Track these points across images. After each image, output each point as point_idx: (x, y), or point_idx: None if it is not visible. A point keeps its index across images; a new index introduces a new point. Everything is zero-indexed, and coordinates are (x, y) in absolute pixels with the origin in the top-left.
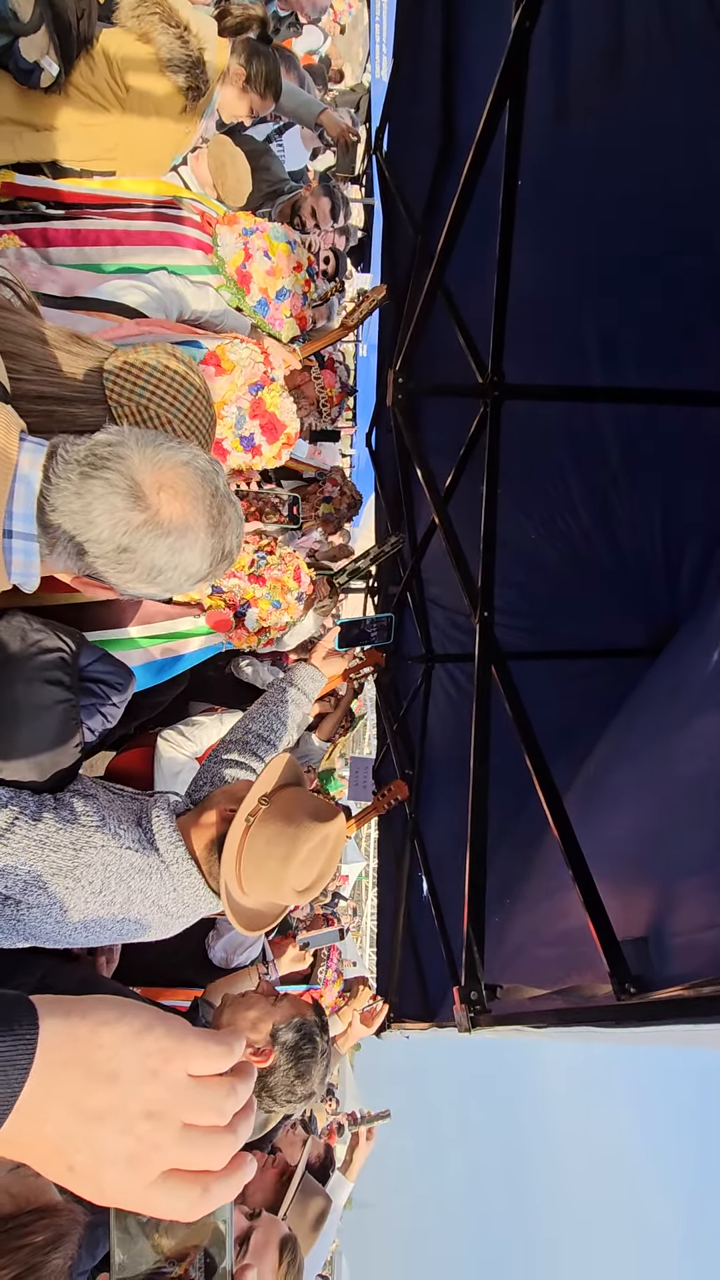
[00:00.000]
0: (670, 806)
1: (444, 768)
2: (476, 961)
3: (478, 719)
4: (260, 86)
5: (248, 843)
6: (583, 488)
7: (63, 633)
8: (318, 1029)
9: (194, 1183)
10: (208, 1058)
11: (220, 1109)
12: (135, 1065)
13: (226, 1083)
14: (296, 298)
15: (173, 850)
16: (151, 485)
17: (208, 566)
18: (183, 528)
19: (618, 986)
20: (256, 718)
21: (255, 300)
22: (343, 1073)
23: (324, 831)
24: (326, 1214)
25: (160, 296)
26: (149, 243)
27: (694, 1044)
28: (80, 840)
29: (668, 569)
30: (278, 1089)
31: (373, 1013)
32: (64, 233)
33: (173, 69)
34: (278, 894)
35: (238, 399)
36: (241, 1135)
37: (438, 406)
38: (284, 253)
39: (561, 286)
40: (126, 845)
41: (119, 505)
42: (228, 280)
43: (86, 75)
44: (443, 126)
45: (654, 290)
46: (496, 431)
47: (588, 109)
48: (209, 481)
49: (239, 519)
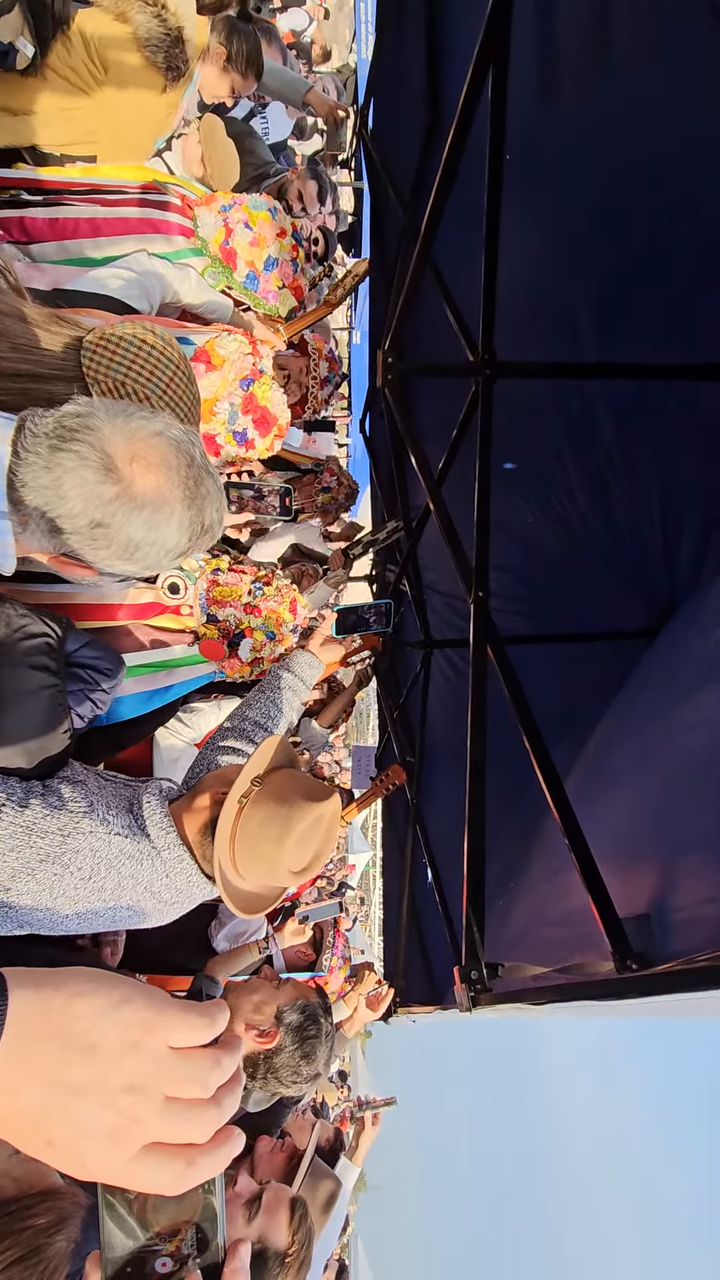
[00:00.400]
0: (670, 782)
1: (445, 753)
2: (476, 941)
3: (474, 700)
4: (241, 65)
5: (241, 824)
6: (578, 468)
7: (48, 618)
8: (321, 1010)
9: (178, 1156)
10: (189, 1029)
11: (204, 1081)
12: (114, 1037)
13: (210, 1054)
14: (286, 265)
15: (164, 835)
16: (124, 457)
17: (187, 540)
18: (158, 500)
19: (620, 963)
20: (254, 704)
21: (244, 275)
22: (354, 1059)
23: (318, 811)
24: (336, 1196)
25: (140, 280)
26: (129, 230)
27: (695, 1014)
28: (68, 826)
29: (665, 549)
30: (283, 1070)
31: (378, 997)
32: (42, 222)
33: (151, 48)
34: (274, 875)
35: (229, 395)
36: (227, 1108)
37: (431, 389)
38: (265, 220)
39: (552, 262)
40: (115, 831)
41: (90, 479)
42: (213, 260)
43: (64, 57)
44: (428, 103)
45: (645, 263)
46: (489, 410)
47: (574, 79)
48: (183, 452)
49: (218, 491)
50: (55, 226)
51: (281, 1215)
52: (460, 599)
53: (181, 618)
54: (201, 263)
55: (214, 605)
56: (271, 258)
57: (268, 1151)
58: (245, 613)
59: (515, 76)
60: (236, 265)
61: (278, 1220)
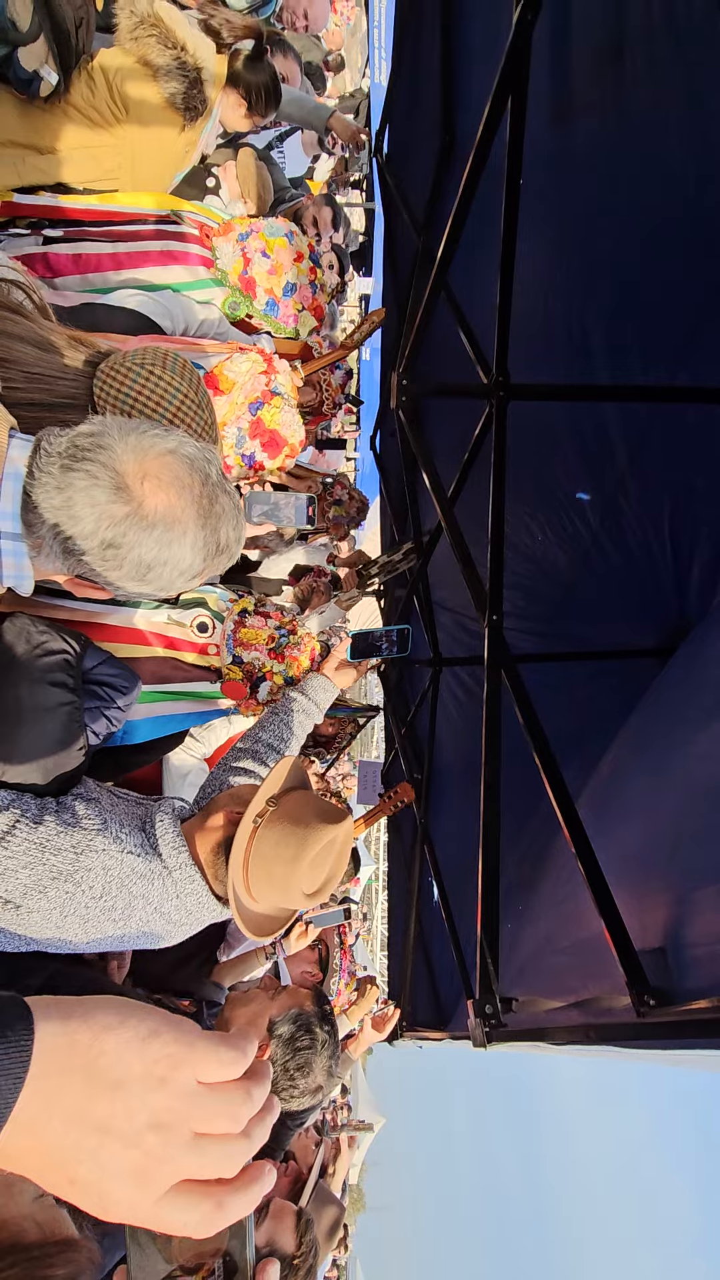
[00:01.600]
0: (686, 811)
1: (453, 772)
2: (491, 974)
3: (488, 724)
4: (258, 102)
5: (255, 845)
6: (590, 488)
7: (67, 635)
8: (316, 1019)
9: (207, 1196)
10: (219, 1063)
11: (235, 1115)
12: (141, 1073)
13: (241, 1087)
14: (305, 289)
15: (175, 855)
16: (135, 475)
17: (201, 561)
18: (169, 520)
19: (637, 999)
20: (267, 726)
21: (264, 304)
22: (355, 1077)
23: (332, 833)
24: (340, 1222)
25: (165, 303)
26: (150, 263)
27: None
28: (81, 844)
29: (677, 569)
30: (278, 1083)
31: (384, 1018)
32: (65, 258)
33: (170, 89)
34: (286, 897)
35: (237, 419)
36: (257, 1140)
37: (443, 409)
38: (281, 246)
39: (566, 285)
40: (128, 850)
41: (101, 498)
42: (233, 290)
43: (87, 97)
44: (443, 128)
45: (659, 286)
46: (502, 432)
47: (590, 105)
48: (198, 470)
49: (235, 509)
50: (79, 262)
51: (288, 1221)
52: (470, 617)
53: (208, 657)
54: (223, 293)
55: (240, 647)
56: (290, 283)
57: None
58: (269, 658)
59: (530, 103)
60: (256, 294)
61: (284, 1226)
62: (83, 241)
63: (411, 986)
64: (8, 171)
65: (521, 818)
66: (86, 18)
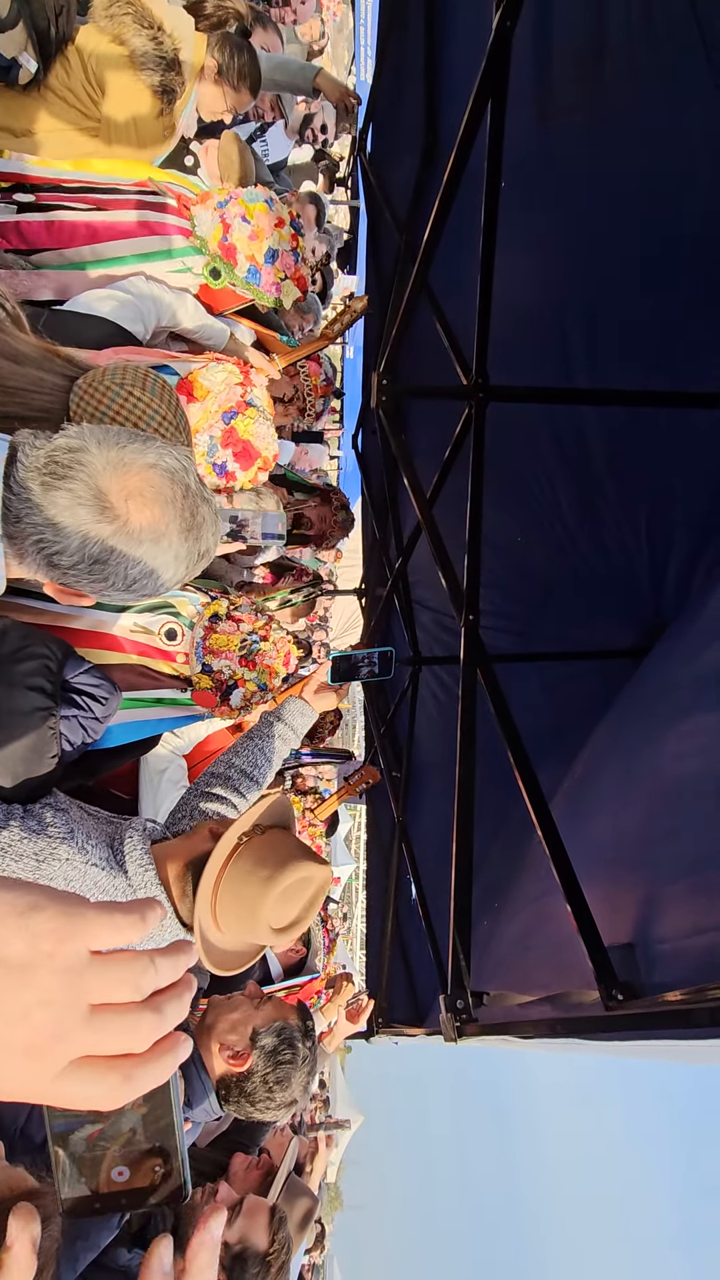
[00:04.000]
0: (656, 809)
1: (432, 771)
2: (463, 969)
3: (463, 723)
4: (234, 78)
5: (231, 865)
6: (568, 489)
7: (50, 641)
8: (300, 1034)
9: (112, 1069)
10: (113, 929)
11: (135, 984)
12: (24, 949)
13: (143, 955)
14: (287, 255)
15: (142, 873)
16: (118, 493)
17: (184, 570)
18: (155, 535)
19: (605, 993)
20: (241, 752)
21: (245, 270)
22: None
23: (309, 870)
24: (313, 1214)
25: (136, 303)
26: (127, 234)
27: (681, 1059)
28: (44, 851)
29: (653, 569)
30: (256, 1094)
31: (358, 1009)
32: (38, 226)
33: (146, 70)
34: (253, 929)
35: (210, 427)
36: (169, 1015)
37: (424, 409)
38: (262, 211)
39: (546, 288)
40: (93, 862)
41: (85, 518)
42: (213, 259)
43: (63, 79)
44: (426, 128)
45: (637, 290)
46: (481, 433)
47: (571, 108)
48: (178, 482)
49: (214, 516)
50: (52, 231)
51: (261, 1218)
52: (450, 616)
53: (176, 665)
54: (202, 261)
55: (209, 655)
56: (271, 249)
57: (243, 1169)
58: (240, 665)
59: (512, 105)
60: (237, 261)
61: (257, 1223)
62: (57, 209)
63: (389, 983)
64: None
65: (500, 816)
66: (67, 5)
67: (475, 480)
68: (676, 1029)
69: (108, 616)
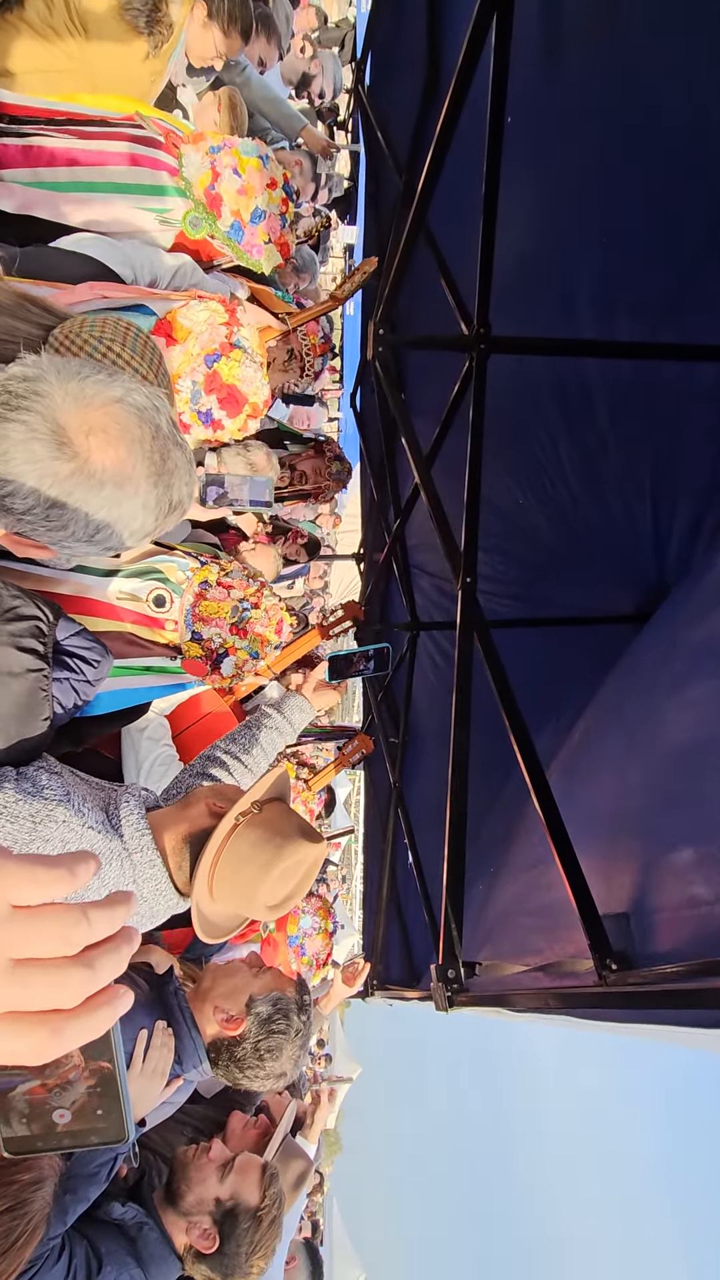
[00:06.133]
0: (654, 778)
1: (429, 736)
2: (454, 940)
3: (458, 689)
4: (223, 20)
5: (231, 842)
6: (571, 449)
7: (41, 602)
8: (295, 1006)
9: (41, 1024)
10: (35, 883)
11: (65, 937)
12: None
13: (74, 909)
14: (274, 219)
15: (138, 838)
16: (78, 428)
17: (154, 521)
18: (119, 478)
19: (599, 962)
20: (237, 739)
21: (228, 225)
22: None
23: (306, 851)
24: (307, 1175)
25: (128, 253)
26: (106, 163)
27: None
28: (40, 813)
29: (657, 533)
30: (245, 1061)
31: (354, 972)
32: (14, 149)
33: (131, 9)
34: (248, 904)
35: (192, 371)
36: (101, 969)
37: (426, 366)
38: (255, 168)
39: (552, 235)
40: (89, 824)
41: (41, 453)
42: (196, 204)
43: (43, 14)
44: (428, 61)
45: (648, 237)
46: (482, 386)
47: (582, 42)
48: (147, 421)
49: (188, 463)
50: (29, 154)
51: (253, 1175)
52: (449, 580)
53: (165, 632)
54: (184, 205)
55: (199, 622)
56: (259, 209)
57: (240, 1127)
58: (230, 633)
59: (521, 38)
60: (221, 213)
61: (249, 1179)
62: (37, 136)
63: (385, 945)
64: None
65: (498, 781)
66: None
67: (475, 437)
68: (672, 1008)
69: (94, 581)
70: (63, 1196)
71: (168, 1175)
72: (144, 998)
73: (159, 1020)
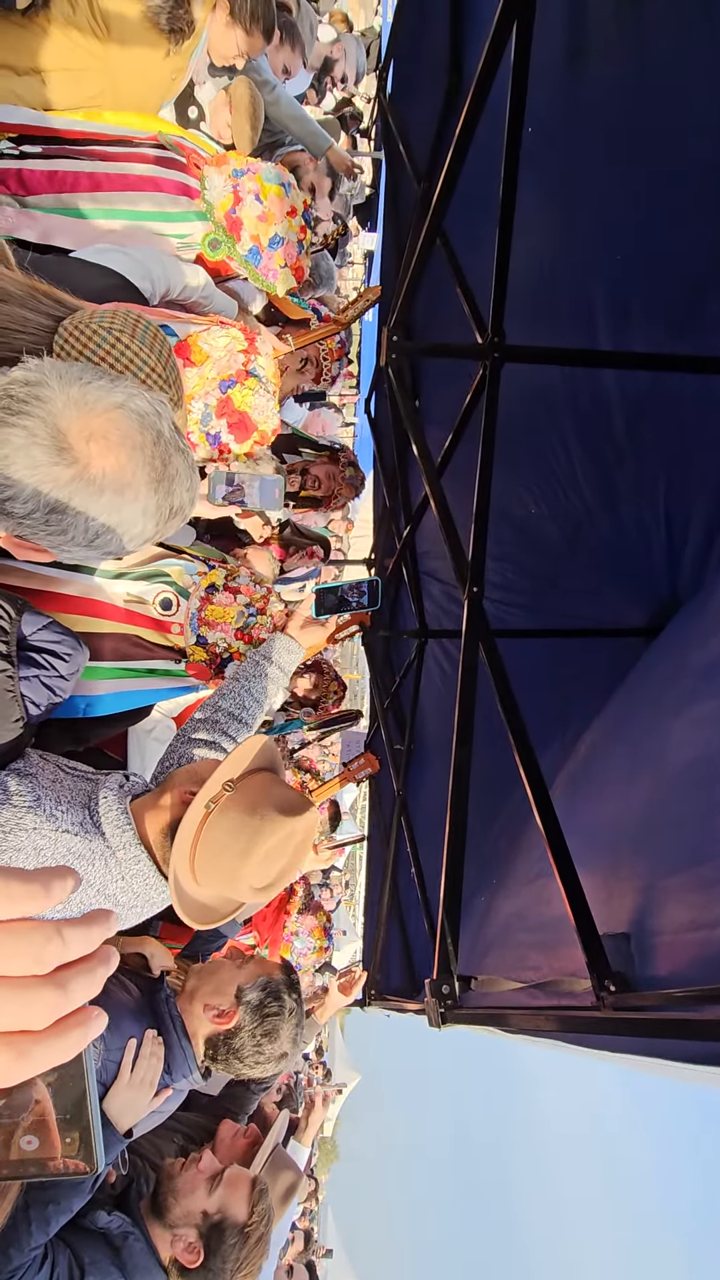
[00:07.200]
0: (659, 797)
1: (435, 745)
2: (450, 954)
3: (462, 698)
4: (246, 20)
5: (205, 832)
6: (586, 460)
7: (1, 598)
8: (285, 987)
9: (5, 1046)
10: (6, 899)
11: (35, 956)
12: None
13: (46, 926)
14: (291, 245)
15: (120, 834)
16: (79, 434)
17: (154, 526)
18: (120, 484)
19: (596, 982)
20: (227, 694)
21: (247, 248)
22: (332, 1036)
23: (289, 827)
24: (296, 1187)
25: (146, 263)
26: (130, 187)
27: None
28: (9, 822)
29: (670, 546)
30: (244, 1050)
31: (351, 981)
32: (40, 175)
33: (154, 7)
34: (234, 890)
35: (205, 394)
36: (74, 990)
37: (441, 373)
38: (276, 195)
39: (570, 244)
40: (64, 828)
41: (41, 459)
42: (216, 226)
43: (67, 13)
44: (450, 68)
45: (666, 249)
46: (495, 395)
47: (603, 50)
48: (149, 427)
49: (189, 469)
50: (54, 180)
51: (242, 1190)
52: (459, 588)
53: (170, 636)
54: (204, 228)
55: (204, 626)
56: (278, 236)
57: (230, 1136)
58: (235, 638)
59: (542, 45)
60: (240, 237)
61: (238, 1194)
62: (62, 159)
63: (385, 955)
64: None
65: (503, 792)
66: None
67: (486, 446)
68: (671, 1037)
69: (100, 583)
70: (45, 1206)
71: (155, 1185)
72: (134, 1004)
73: (149, 1029)
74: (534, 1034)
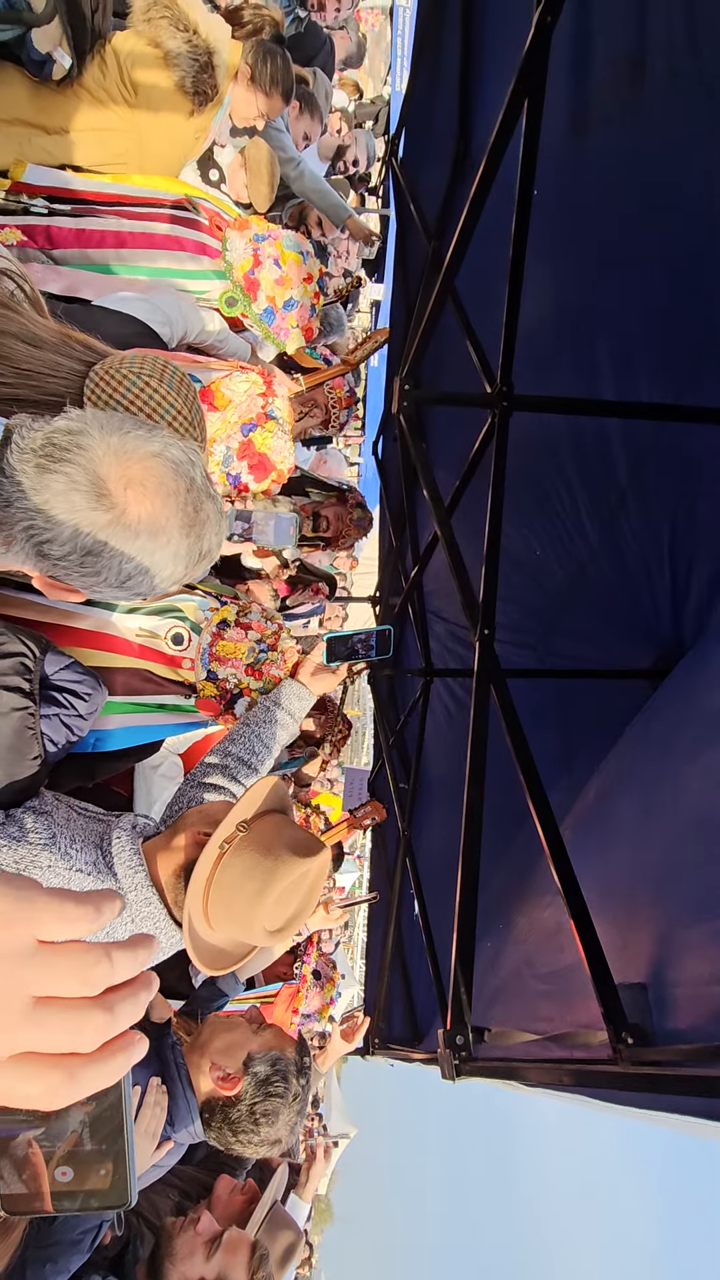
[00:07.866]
0: (674, 843)
1: (441, 785)
2: (464, 1004)
3: (474, 742)
4: (266, 83)
5: (219, 873)
6: (590, 505)
7: (26, 637)
8: (294, 1069)
9: (55, 1067)
10: (62, 920)
11: (85, 978)
12: None
13: (97, 948)
14: (304, 309)
15: (132, 875)
16: (117, 481)
17: (183, 569)
18: (154, 529)
19: (614, 1035)
20: (237, 739)
21: (262, 308)
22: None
23: (303, 868)
24: (296, 1248)
25: (165, 310)
26: (154, 246)
27: (690, 1132)
28: (25, 859)
29: (674, 590)
30: (240, 1125)
31: (354, 1027)
32: (68, 232)
33: (180, 71)
34: (247, 933)
35: (228, 437)
36: (121, 1014)
37: (448, 418)
38: (294, 262)
39: (576, 296)
40: (78, 867)
41: (80, 504)
42: (234, 286)
43: (98, 79)
44: (459, 134)
45: (670, 303)
46: (503, 443)
47: (607, 118)
48: (183, 475)
49: (218, 515)
50: (81, 237)
51: (242, 1254)
52: (464, 627)
53: (181, 671)
54: (222, 286)
55: (215, 662)
56: (293, 299)
57: (227, 1193)
58: (246, 674)
59: (549, 112)
60: (257, 297)
61: (238, 1259)
62: (89, 217)
63: (388, 1001)
64: (12, 150)
65: (509, 832)
66: (103, 2)
67: (495, 492)
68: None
69: (113, 618)
70: (43, 1266)
71: (152, 1248)
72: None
73: (154, 1077)
74: (549, 1087)
